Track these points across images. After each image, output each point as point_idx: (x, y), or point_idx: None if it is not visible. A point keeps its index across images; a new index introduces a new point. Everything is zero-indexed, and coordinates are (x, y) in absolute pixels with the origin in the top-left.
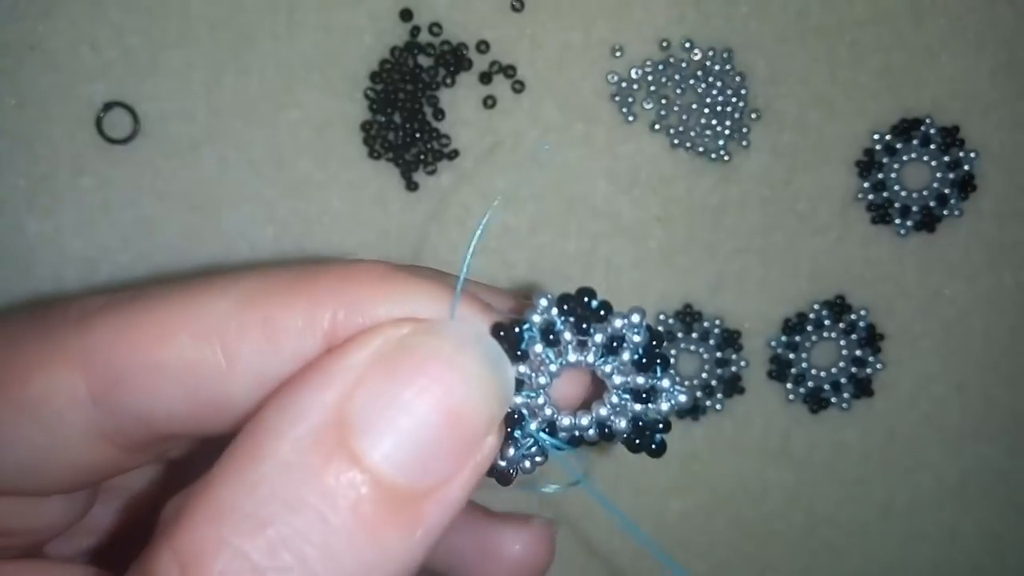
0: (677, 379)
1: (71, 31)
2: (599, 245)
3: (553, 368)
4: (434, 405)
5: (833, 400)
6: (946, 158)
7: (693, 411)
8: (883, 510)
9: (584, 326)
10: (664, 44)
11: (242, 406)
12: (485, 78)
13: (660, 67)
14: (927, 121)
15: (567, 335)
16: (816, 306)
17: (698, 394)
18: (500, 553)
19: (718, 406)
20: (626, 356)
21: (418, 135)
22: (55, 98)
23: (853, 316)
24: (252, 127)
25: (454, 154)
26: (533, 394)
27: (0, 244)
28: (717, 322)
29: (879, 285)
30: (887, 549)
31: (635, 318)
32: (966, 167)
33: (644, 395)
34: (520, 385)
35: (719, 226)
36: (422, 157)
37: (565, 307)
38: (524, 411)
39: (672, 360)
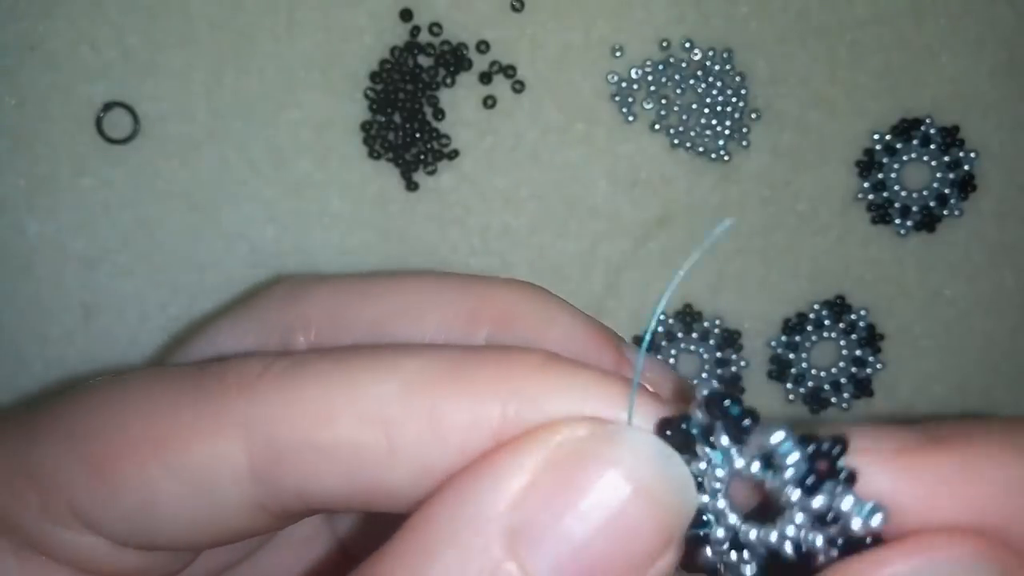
0: (871, 507)
1: (71, 31)
2: (599, 245)
3: (721, 473)
4: (609, 521)
5: (833, 400)
6: (946, 158)
7: None
8: None
9: (737, 433)
10: (664, 44)
11: (405, 492)
12: (485, 78)
13: (660, 67)
14: (927, 121)
15: (724, 440)
16: (816, 306)
17: None
18: None
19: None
20: (788, 475)
21: (418, 135)
22: (55, 98)
23: (853, 316)
24: (252, 127)
25: (454, 154)
26: (712, 497)
27: (0, 244)
28: (717, 322)
29: (879, 285)
30: None
31: (778, 436)
32: (966, 167)
33: (826, 518)
34: (698, 487)
35: (719, 226)
36: (422, 157)
37: (715, 410)
38: (708, 516)
39: (846, 472)
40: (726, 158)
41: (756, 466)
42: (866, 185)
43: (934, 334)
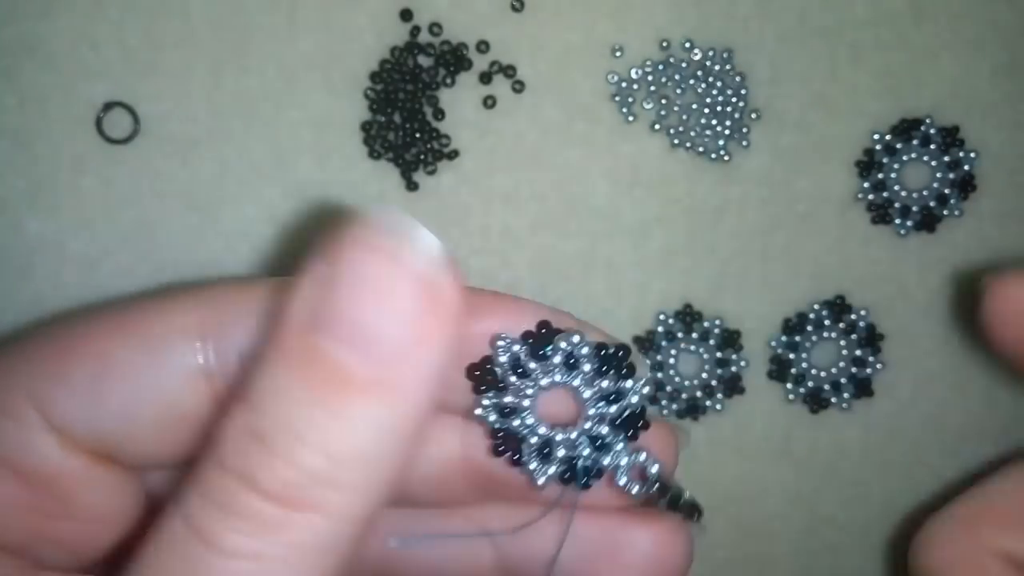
0: (642, 380)
1: (71, 31)
2: (599, 245)
3: (530, 392)
4: (366, 281)
5: (833, 400)
6: (946, 158)
7: (693, 411)
8: (883, 510)
9: (540, 352)
10: (664, 44)
11: None
12: (485, 78)
13: (660, 67)
14: (927, 121)
15: (532, 364)
16: (816, 306)
17: (698, 394)
18: (630, 552)
19: (718, 406)
20: (587, 367)
21: (418, 135)
22: (55, 98)
23: (853, 316)
24: (252, 127)
25: (454, 154)
26: (523, 416)
27: (0, 244)
28: (717, 322)
29: (879, 285)
30: (887, 549)
31: (575, 339)
32: (966, 167)
33: (612, 396)
34: (525, 375)
35: (719, 226)
36: (422, 157)
37: (603, 353)
38: (509, 386)
39: (630, 358)
40: (726, 158)
41: (559, 375)
42: (866, 185)
43: (934, 334)
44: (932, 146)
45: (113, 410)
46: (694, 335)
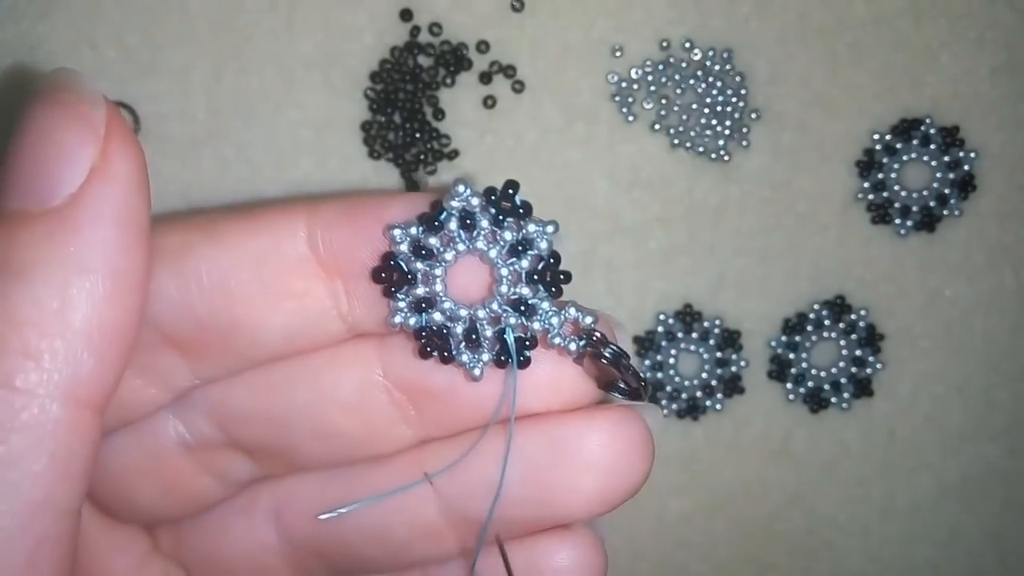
0: (563, 312)
1: (71, 31)
2: (599, 245)
3: (439, 273)
4: (29, 131)
5: (833, 400)
6: (946, 158)
7: (693, 411)
8: (883, 510)
9: (500, 217)
10: (664, 44)
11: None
12: (485, 78)
13: (660, 67)
14: (927, 121)
15: (484, 223)
16: (816, 306)
17: (698, 394)
18: (582, 454)
19: (718, 406)
20: (525, 263)
21: (418, 135)
22: None
23: (853, 316)
24: (252, 127)
25: (454, 154)
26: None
27: None
28: (717, 322)
29: (879, 285)
30: (887, 549)
31: (549, 228)
32: (966, 167)
33: (523, 308)
34: (428, 255)
35: (719, 226)
36: (422, 157)
37: (491, 198)
38: (418, 276)
39: (561, 284)
40: (726, 158)
41: (495, 252)
42: (866, 185)
43: (934, 334)
44: (932, 146)
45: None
46: (694, 335)
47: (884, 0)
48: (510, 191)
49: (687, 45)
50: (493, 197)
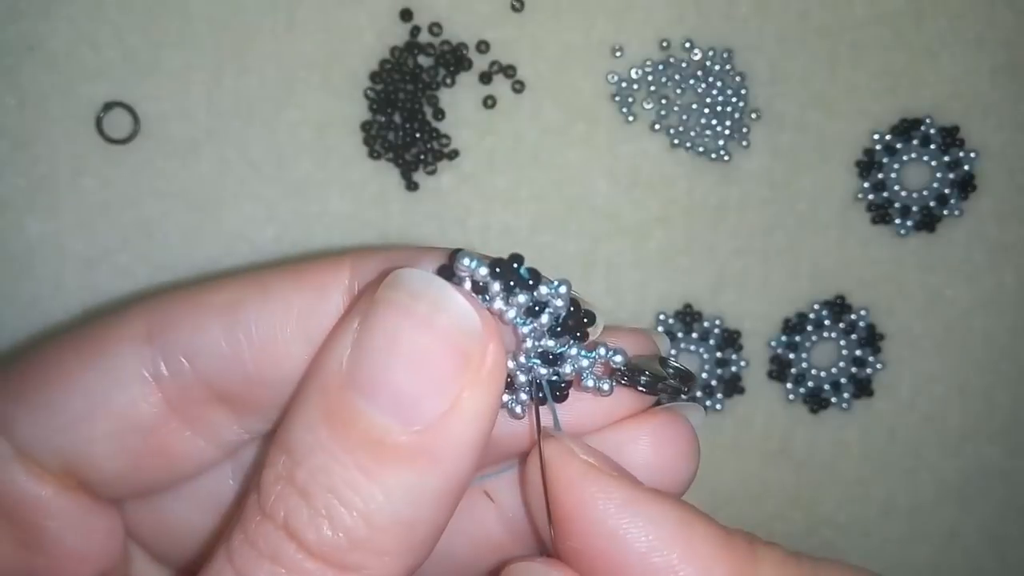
0: (557, 283)
1: (71, 31)
2: (599, 245)
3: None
4: (399, 355)
5: (833, 400)
6: (946, 158)
7: None
8: (883, 510)
9: (511, 284)
10: (664, 44)
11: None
12: (485, 78)
13: (660, 67)
14: (927, 121)
15: (496, 286)
16: (816, 306)
17: (698, 394)
18: (629, 461)
19: (718, 406)
20: (544, 319)
21: (418, 135)
22: (55, 98)
23: (853, 316)
24: (252, 127)
25: (454, 154)
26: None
27: (0, 244)
28: (717, 322)
29: (879, 285)
30: (887, 549)
31: (561, 289)
32: (966, 167)
33: (551, 358)
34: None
35: (719, 226)
36: (422, 157)
37: (497, 270)
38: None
39: (588, 332)
40: (726, 158)
41: (513, 312)
42: (866, 185)
43: (934, 334)
44: (932, 146)
45: (69, 423)
46: (694, 335)
47: (884, 0)
48: (515, 264)
49: (687, 45)
50: (498, 270)
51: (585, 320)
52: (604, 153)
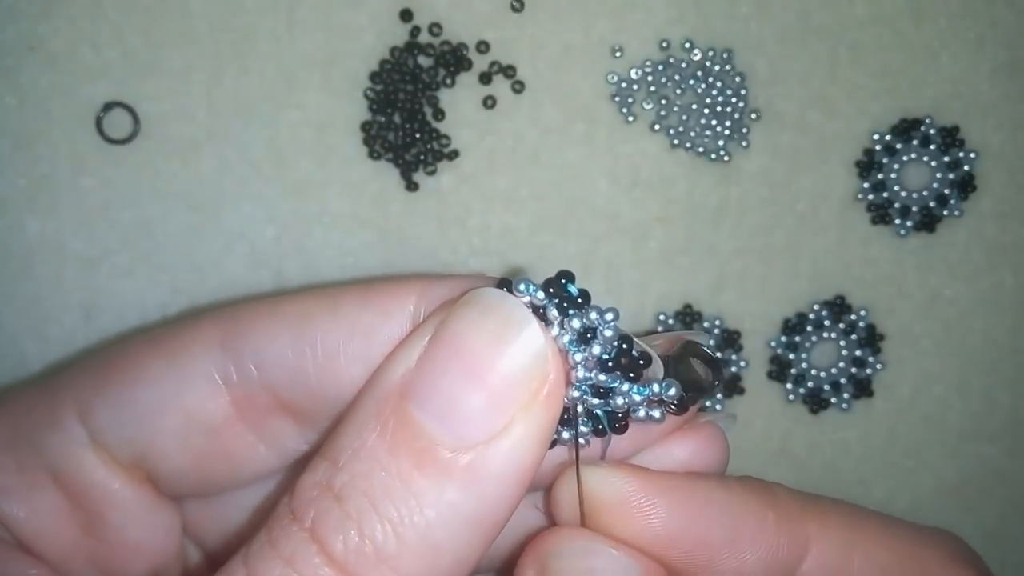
0: (647, 388)
1: (71, 31)
2: (599, 245)
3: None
4: (463, 367)
5: (833, 400)
6: (946, 158)
7: None
8: (883, 510)
9: (566, 306)
10: (664, 44)
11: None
12: (485, 78)
13: (660, 67)
14: (927, 121)
15: (553, 311)
16: (816, 306)
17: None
18: (667, 463)
19: (719, 406)
20: (596, 350)
21: (418, 135)
22: (55, 98)
23: (853, 316)
24: (252, 127)
25: (454, 154)
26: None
27: (0, 244)
28: (717, 322)
29: (879, 285)
30: None
31: (608, 316)
32: (966, 167)
33: (602, 392)
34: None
35: (719, 226)
36: (422, 157)
37: (549, 289)
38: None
39: (641, 367)
40: (726, 158)
41: (566, 339)
42: (866, 185)
43: (934, 334)
44: (932, 146)
45: (141, 415)
46: None
47: (884, 0)
48: (563, 281)
49: (687, 45)
50: (551, 289)
51: (641, 362)
52: (604, 153)
